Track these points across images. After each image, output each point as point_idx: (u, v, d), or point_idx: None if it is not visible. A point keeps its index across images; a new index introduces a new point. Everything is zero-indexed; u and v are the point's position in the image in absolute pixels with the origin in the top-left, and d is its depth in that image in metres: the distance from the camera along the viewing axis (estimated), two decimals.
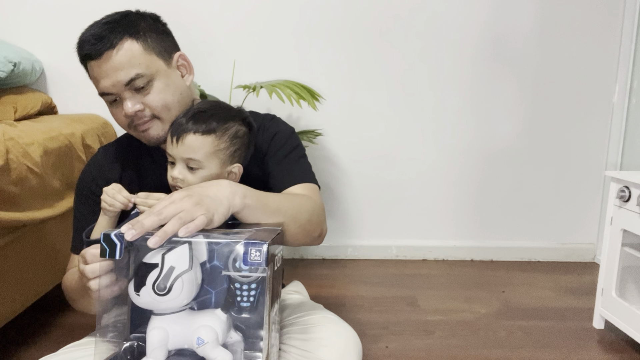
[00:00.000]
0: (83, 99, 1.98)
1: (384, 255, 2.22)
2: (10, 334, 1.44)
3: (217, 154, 0.88)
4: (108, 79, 0.90)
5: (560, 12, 2.06)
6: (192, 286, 0.69)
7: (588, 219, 2.22)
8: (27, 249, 1.34)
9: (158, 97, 0.92)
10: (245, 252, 0.67)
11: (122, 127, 0.97)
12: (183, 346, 0.71)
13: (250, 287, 0.72)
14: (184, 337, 0.70)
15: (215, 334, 0.69)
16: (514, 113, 2.14)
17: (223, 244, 0.71)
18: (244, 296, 0.73)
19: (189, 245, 0.69)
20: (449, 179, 2.18)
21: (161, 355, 0.69)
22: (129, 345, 0.74)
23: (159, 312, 0.70)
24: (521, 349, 1.45)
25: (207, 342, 0.68)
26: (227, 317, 0.72)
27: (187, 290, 0.68)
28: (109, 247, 0.67)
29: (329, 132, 2.09)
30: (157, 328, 0.69)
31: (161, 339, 0.69)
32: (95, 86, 0.94)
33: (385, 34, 2.05)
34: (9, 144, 1.21)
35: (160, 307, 0.69)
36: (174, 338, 0.70)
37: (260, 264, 0.66)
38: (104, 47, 0.88)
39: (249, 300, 0.73)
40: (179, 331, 0.69)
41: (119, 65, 0.89)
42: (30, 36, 1.94)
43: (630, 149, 2.06)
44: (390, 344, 1.48)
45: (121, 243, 0.67)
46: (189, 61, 1.01)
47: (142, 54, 0.90)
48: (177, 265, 0.67)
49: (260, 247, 0.67)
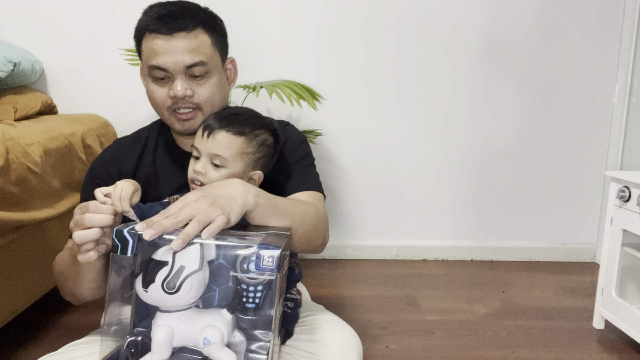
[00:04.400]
0: (83, 99, 1.99)
1: (384, 255, 2.22)
2: (10, 334, 1.44)
3: (243, 156, 0.89)
4: (171, 56, 0.91)
5: (560, 12, 2.06)
6: (200, 285, 0.69)
7: (588, 219, 2.22)
8: (27, 249, 1.34)
9: (209, 90, 0.95)
10: (257, 257, 0.67)
11: (158, 106, 0.97)
12: (187, 344, 0.71)
13: (256, 289, 0.72)
14: (188, 336, 0.70)
15: (221, 334, 0.69)
16: (514, 113, 2.14)
17: (234, 247, 0.70)
18: (249, 297, 0.73)
19: (200, 246, 0.69)
20: (449, 179, 2.18)
21: (166, 353, 0.69)
22: (133, 340, 0.74)
23: (165, 309, 0.70)
24: (521, 349, 1.45)
25: (214, 342, 0.68)
26: (232, 317, 0.72)
27: (195, 290, 0.68)
28: (121, 244, 0.67)
29: (329, 132, 2.09)
30: (163, 325, 0.69)
31: (167, 336, 0.69)
32: (146, 57, 0.94)
33: (385, 33, 2.05)
34: (9, 144, 1.21)
35: (168, 304, 0.69)
36: (179, 336, 0.70)
37: (273, 270, 0.66)
38: (178, 27, 0.91)
39: (254, 302, 0.73)
40: (184, 329, 0.70)
41: (187, 48, 0.91)
42: (30, 36, 1.93)
43: (630, 149, 2.06)
44: (390, 344, 1.48)
45: (134, 240, 0.67)
46: (237, 69, 1.06)
47: (209, 47, 0.95)
48: (187, 265, 0.67)
49: (273, 253, 0.67)
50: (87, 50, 1.97)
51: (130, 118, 1.74)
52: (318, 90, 1.80)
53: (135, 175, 1.01)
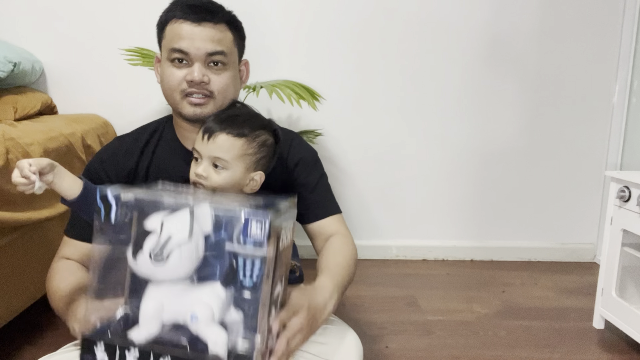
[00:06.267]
0: (83, 99, 1.99)
1: (384, 255, 2.22)
2: (10, 334, 1.44)
3: (244, 158, 0.89)
4: (194, 42, 0.96)
5: (560, 12, 2.06)
6: (191, 257, 0.66)
7: (588, 219, 2.22)
8: (27, 249, 1.34)
9: (225, 81, 1.00)
10: (245, 224, 0.61)
11: (172, 89, 0.99)
12: (178, 321, 0.68)
13: (253, 264, 0.67)
14: (179, 311, 0.67)
15: (210, 311, 0.65)
16: (514, 113, 2.14)
17: (228, 215, 0.64)
18: (246, 273, 0.67)
19: (190, 212, 0.64)
20: (449, 178, 2.18)
21: (154, 327, 0.67)
22: (124, 314, 0.71)
23: (156, 281, 0.67)
24: (521, 349, 1.45)
25: (201, 319, 0.65)
26: (226, 293, 0.67)
27: (185, 261, 0.65)
28: (105, 208, 0.62)
29: (329, 132, 2.09)
30: (152, 299, 0.67)
31: (155, 309, 0.66)
32: (168, 41, 0.98)
33: (385, 33, 2.05)
34: (9, 144, 1.21)
35: (157, 276, 0.66)
36: (169, 311, 0.67)
37: (261, 241, 0.60)
38: (206, 17, 0.96)
39: (251, 278, 0.67)
40: (175, 304, 0.67)
41: (212, 37, 0.97)
42: (30, 36, 1.93)
43: (630, 149, 2.06)
44: (390, 344, 1.48)
45: (117, 205, 0.61)
46: (249, 72, 1.13)
47: (231, 42, 1.01)
48: (175, 233, 0.64)
49: (262, 219, 0.60)
50: (87, 50, 1.97)
51: (130, 118, 1.74)
52: (318, 90, 1.80)
53: (136, 171, 1.03)
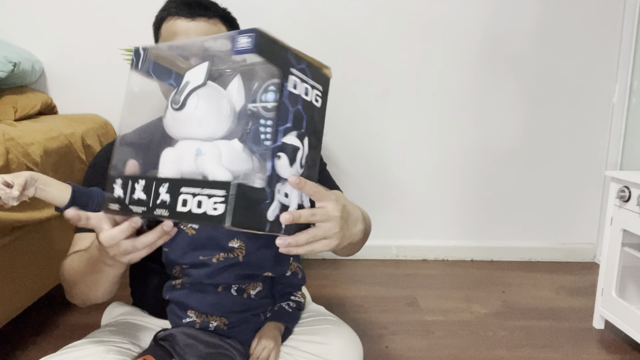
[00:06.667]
0: (83, 99, 1.99)
1: (384, 255, 2.22)
2: (10, 334, 1.44)
3: None
4: (189, 37, 0.97)
5: (560, 12, 2.06)
6: (210, 104, 0.66)
7: (588, 219, 2.22)
8: (27, 249, 1.34)
9: None
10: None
11: None
12: (193, 176, 0.65)
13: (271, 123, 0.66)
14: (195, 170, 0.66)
15: (217, 150, 0.65)
16: (514, 113, 2.14)
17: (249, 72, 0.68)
18: (267, 133, 0.66)
19: (209, 63, 0.66)
20: (449, 178, 2.18)
21: (169, 170, 0.67)
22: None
23: (182, 138, 0.67)
24: (521, 349, 1.45)
25: (205, 154, 0.64)
26: (242, 147, 0.66)
27: (203, 106, 0.65)
28: (136, 59, 0.69)
29: (329, 131, 2.09)
30: (175, 148, 0.68)
31: (174, 155, 0.67)
32: (164, 39, 1.00)
33: (385, 33, 2.05)
34: (9, 144, 1.21)
35: (180, 126, 0.67)
36: (186, 163, 0.66)
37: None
38: (200, 13, 0.98)
39: (268, 137, 0.66)
40: (191, 158, 0.66)
41: (206, 32, 0.98)
42: (30, 36, 1.93)
43: (630, 149, 2.06)
44: (390, 344, 1.48)
45: (145, 54, 0.68)
46: None
47: None
48: (192, 80, 0.66)
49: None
50: (87, 50, 1.97)
51: None
52: None
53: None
